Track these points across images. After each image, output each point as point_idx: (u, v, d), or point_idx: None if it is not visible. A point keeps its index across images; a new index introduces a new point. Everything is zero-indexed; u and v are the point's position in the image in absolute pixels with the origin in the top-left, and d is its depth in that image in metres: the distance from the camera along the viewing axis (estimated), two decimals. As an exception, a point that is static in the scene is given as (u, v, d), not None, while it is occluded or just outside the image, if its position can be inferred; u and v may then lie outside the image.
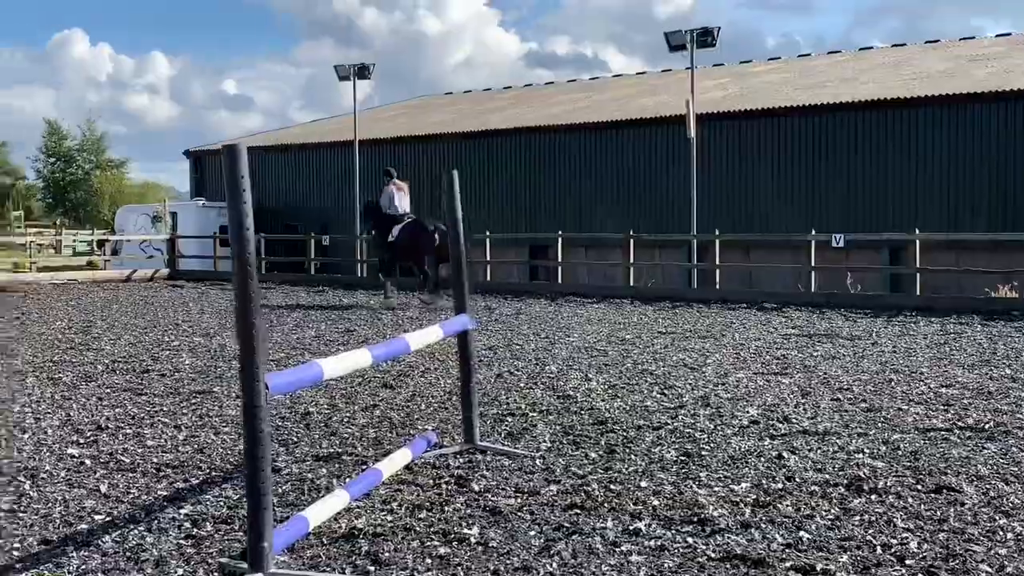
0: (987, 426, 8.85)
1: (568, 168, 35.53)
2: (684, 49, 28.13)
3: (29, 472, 7.45)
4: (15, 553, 5.62)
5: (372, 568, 5.31)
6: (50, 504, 6.60)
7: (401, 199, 23.32)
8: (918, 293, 22.11)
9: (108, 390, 11.12)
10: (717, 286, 25.73)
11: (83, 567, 5.37)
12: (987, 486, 6.84)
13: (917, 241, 22.89)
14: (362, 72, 35.03)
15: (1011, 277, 22.90)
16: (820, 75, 38.53)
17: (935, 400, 10.18)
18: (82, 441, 8.54)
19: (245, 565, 5.09)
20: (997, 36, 40.68)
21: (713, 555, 5.49)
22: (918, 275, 22.93)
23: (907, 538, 5.74)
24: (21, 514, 6.37)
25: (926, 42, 42.42)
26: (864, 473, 7.17)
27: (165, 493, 6.89)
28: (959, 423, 9.00)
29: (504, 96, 50.30)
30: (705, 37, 27.80)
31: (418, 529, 5.98)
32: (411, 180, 25.04)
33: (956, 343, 15.07)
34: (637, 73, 54.04)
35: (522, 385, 11.27)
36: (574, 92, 47.13)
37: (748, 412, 9.56)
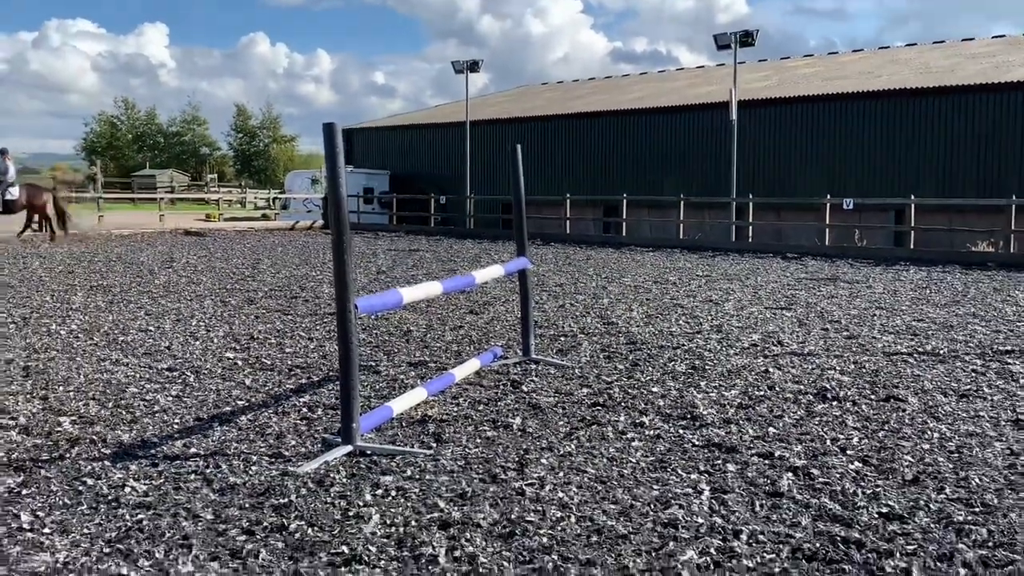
0: (941, 352, 8.78)
1: (636, 143, 35.25)
2: (729, 48, 27.66)
3: (194, 368, 7.88)
4: (175, 426, 6.02)
5: (434, 445, 5.58)
6: (206, 392, 6.99)
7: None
8: (912, 247, 21.68)
9: (263, 310, 11.55)
10: (750, 240, 25.46)
11: (222, 438, 5.73)
12: (928, 398, 6.85)
13: (913, 205, 22.41)
14: (473, 67, 35.06)
15: (991, 235, 22.36)
16: (845, 69, 37.41)
17: (905, 331, 10.09)
18: (238, 348, 8.95)
19: (340, 439, 5.41)
20: (993, 37, 39.01)
21: (697, 443, 5.64)
22: (912, 233, 22.47)
23: (852, 435, 5.81)
24: (184, 399, 6.77)
25: (934, 42, 40.85)
26: (831, 385, 7.22)
27: (292, 387, 7.23)
28: (919, 349, 8.94)
29: (588, 86, 49.84)
30: (746, 38, 27.28)
31: (474, 417, 6.23)
32: (511, 153, 24.82)
33: (936, 287, 14.81)
34: (697, 67, 53.03)
35: (578, 313, 11.42)
36: (644, 82, 46.48)
37: (752, 337, 9.60)
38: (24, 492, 4.67)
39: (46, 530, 4.17)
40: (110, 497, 4.59)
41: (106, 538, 4.07)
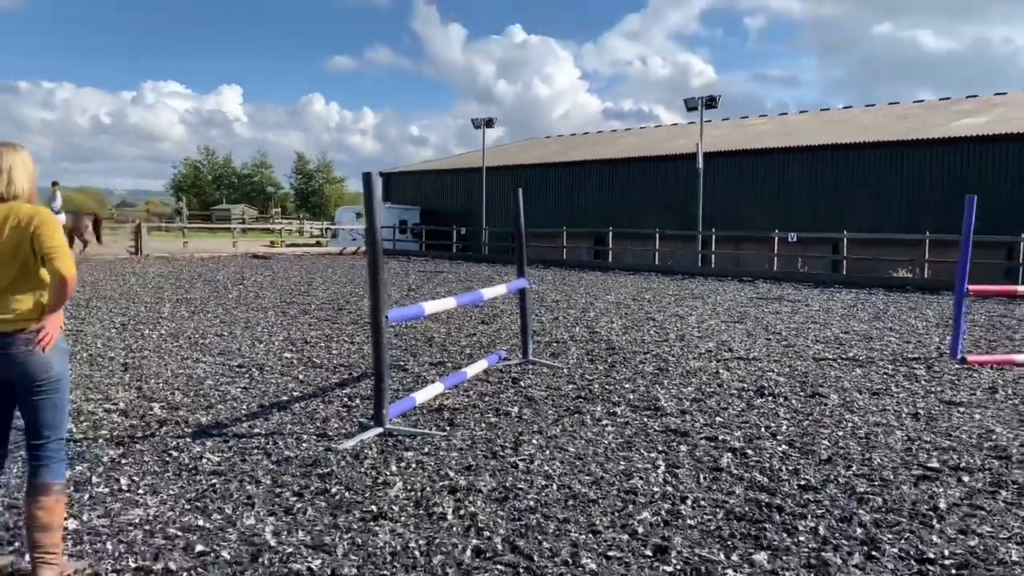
0: (860, 358, 8.89)
1: (622, 186, 35.32)
2: (696, 109, 27.82)
3: (258, 365, 8.05)
4: (243, 411, 6.19)
5: (448, 428, 5.73)
6: (267, 385, 7.15)
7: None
8: (845, 273, 21.72)
9: (315, 320, 11.70)
10: (713, 265, 25.52)
11: (279, 421, 5.90)
12: (846, 395, 6.96)
13: (845, 238, 22.46)
14: (489, 123, 35.27)
15: (910, 263, 22.36)
16: (793, 127, 37.46)
17: (832, 341, 10.19)
18: (294, 349, 9.10)
19: (373, 423, 5.57)
20: (915, 102, 38.99)
21: (658, 428, 5.78)
22: (845, 261, 22.52)
23: (782, 423, 5.94)
24: (250, 390, 6.94)
25: (866, 105, 40.85)
26: (768, 384, 7.34)
27: (336, 381, 7.39)
28: (843, 356, 9.04)
29: (583, 138, 49.98)
30: (710, 102, 27.42)
31: (480, 407, 6.38)
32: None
33: (862, 305, 14.87)
34: (672, 123, 53.05)
35: (569, 324, 11.54)
36: (630, 136, 46.55)
37: (708, 345, 9.71)
38: (123, 462, 4.85)
39: (140, 491, 4.35)
40: (190, 466, 4.77)
41: (187, 498, 4.25)
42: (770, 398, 6.81)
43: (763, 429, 5.77)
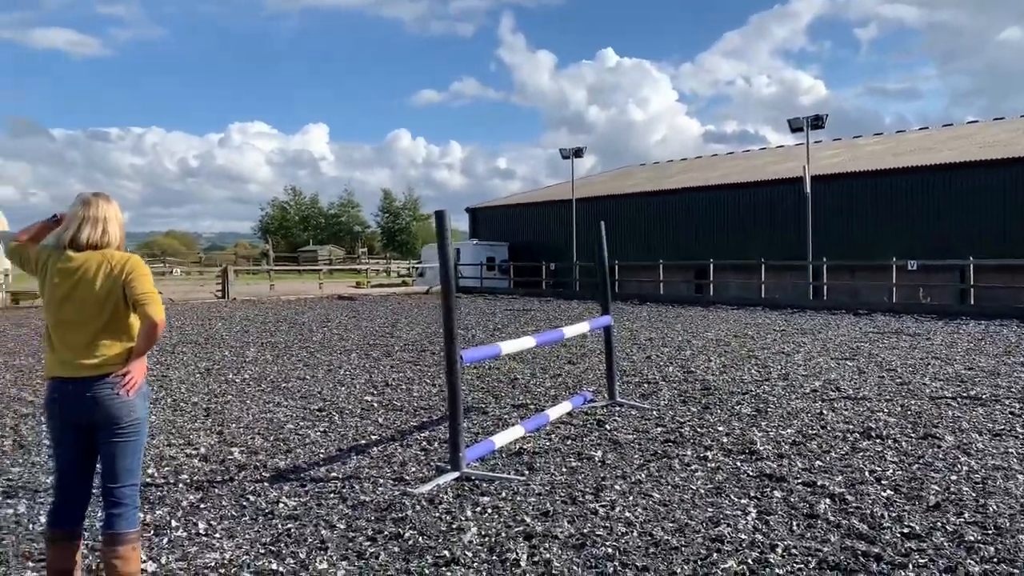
0: (983, 396, 8.56)
1: (722, 214, 34.92)
2: (802, 130, 27.41)
3: (338, 409, 8.35)
4: (321, 455, 6.45)
5: (527, 472, 5.83)
6: (347, 429, 7.41)
7: None
8: (972, 303, 20.85)
9: (398, 362, 12.01)
10: (825, 298, 24.92)
11: (357, 465, 6.12)
12: (964, 437, 6.73)
13: (972, 265, 21.59)
14: (578, 153, 35.60)
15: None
16: (911, 145, 36.40)
17: (954, 378, 9.83)
18: (375, 392, 9.38)
19: (449, 467, 5.73)
20: (1051, 112, 37.35)
21: (751, 473, 5.74)
22: (972, 291, 21.63)
23: (888, 467, 5.81)
24: (329, 434, 7.21)
25: (994, 119, 39.34)
26: (877, 425, 7.17)
27: (416, 424, 7.60)
28: (963, 394, 8.72)
29: (679, 165, 49.78)
30: (817, 121, 26.97)
31: (562, 450, 6.46)
32: (610, 225, 24.89)
33: (991, 339, 14.26)
34: (778, 146, 52.30)
35: (662, 363, 11.50)
36: (731, 161, 46.13)
37: (813, 384, 9.52)
38: (202, 506, 5.15)
39: (217, 535, 4.61)
40: (267, 510, 5.02)
41: (262, 542, 4.48)
42: (877, 440, 6.65)
43: (867, 473, 5.65)
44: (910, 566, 3.96)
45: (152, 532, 4.61)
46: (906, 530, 4.46)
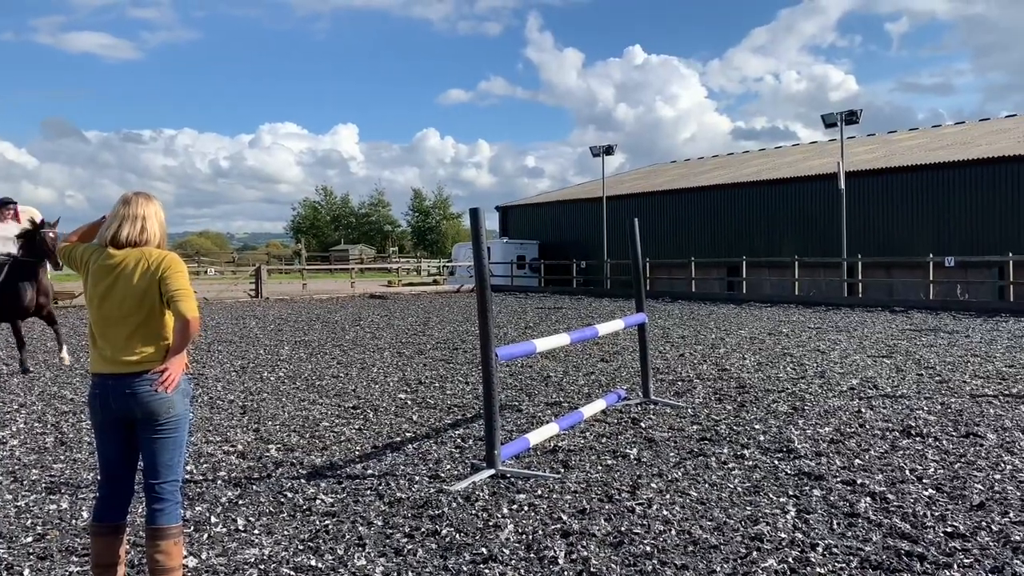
0: (1026, 394, 8.42)
1: (755, 211, 34.63)
2: (835, 125, 27.10)
3: (373, 406, 8.39)
4: (357, 452, 6.49)
5: (562, 470, 5.82)
6: (381, 426, 7.45)
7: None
8: (1011, 300, 20.49)
9: (430, 359, 12.04)
10: (860, 295, 24.63)
11: (392, 462, 6.15)
12: (1007, 435, 6.62)
13: (1011, 261, 21.21)
14: (608, 150, 35.48)
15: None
16: (946, 140, 35.84)
17: (994, 376, 9.67)
18: (408, 390, 9.42)
19: (485, 464, 5.73)
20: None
21: (789, 472, 5.68)
22: (1011, 287, 21.26)
23: (930, 465, 5.72)
24: (364, 431, 7.25)
25: (1033, 111, 38.68)
26: (916, 424, 7.07)
27: (450, 422, 7.61)
28: (1004, 392, 8.57)
29: (710, 162, 49.42)
30: (851, 116, 26.66)
31: (597, 448, 6.44)
32: (641, 222, 24.77)
33: (1032, 336, 14.02)
34: (810, 142, 51.71)
35: (696, 361, 11.43)
36: (762, 158, 45.74)
37: (850, 382, 9.41)
38: (240, 502, 5.19)
39: (256, 531, 4.65)
40: (304, 507, 5.05)
41: (300, 538, 4.51)
42: (918, 438, 6.55)
43: (907, 472, 5.56)
44: (955, 566, 3.89)
45: (192, 528, 4.66)
46: (950, 529, 4.39)
